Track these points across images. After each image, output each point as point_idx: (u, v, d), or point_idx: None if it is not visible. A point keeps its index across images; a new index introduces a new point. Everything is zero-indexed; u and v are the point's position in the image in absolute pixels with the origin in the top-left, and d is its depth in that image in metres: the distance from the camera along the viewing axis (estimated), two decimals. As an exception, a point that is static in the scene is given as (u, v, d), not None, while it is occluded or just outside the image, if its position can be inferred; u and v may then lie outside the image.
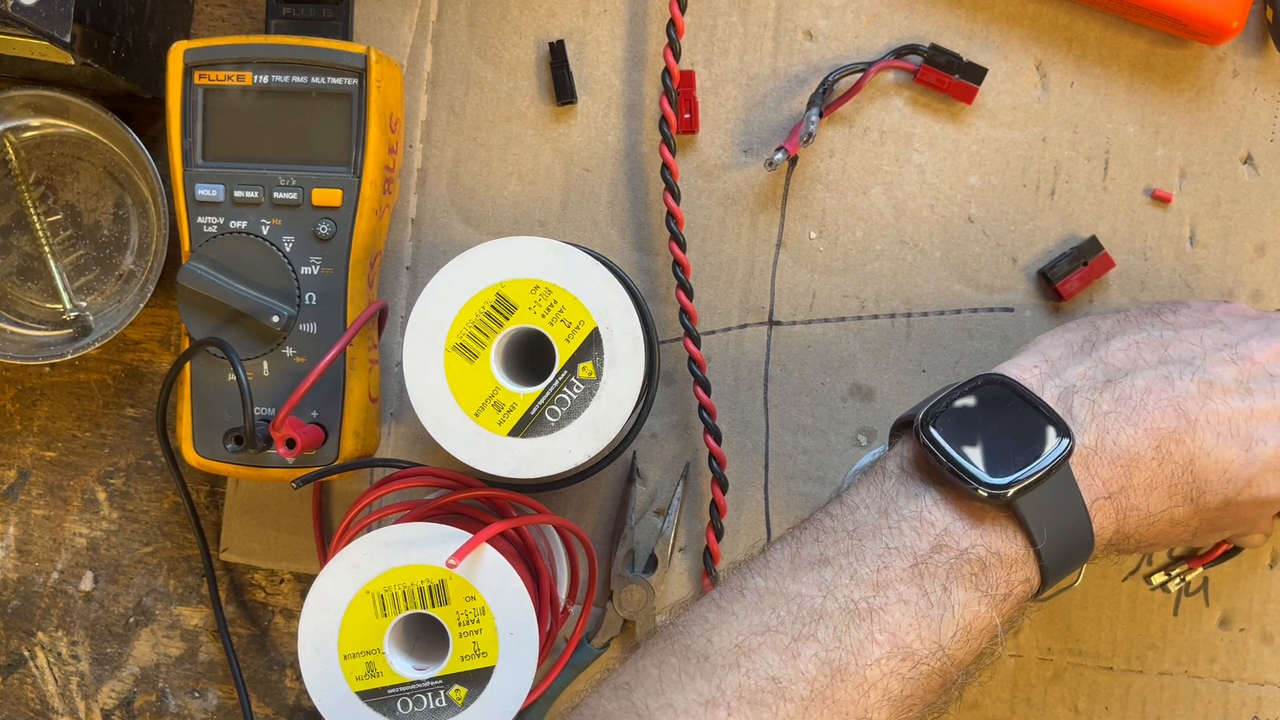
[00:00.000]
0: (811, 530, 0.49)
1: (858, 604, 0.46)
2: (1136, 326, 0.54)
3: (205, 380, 0.59)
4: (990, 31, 0.63)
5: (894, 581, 0.47)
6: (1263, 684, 0.63)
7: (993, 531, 0.47)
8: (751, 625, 0.47)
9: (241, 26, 0.66)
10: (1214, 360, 0.51)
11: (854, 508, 0.49)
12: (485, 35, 0.65)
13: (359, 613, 0.54)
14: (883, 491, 0.49)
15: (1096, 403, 0.50)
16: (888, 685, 0.46)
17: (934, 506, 0.48)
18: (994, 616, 0.47)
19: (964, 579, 0.47)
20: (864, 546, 0.48)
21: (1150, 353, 0.52)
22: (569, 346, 0.54)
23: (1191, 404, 0.50)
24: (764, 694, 0.45)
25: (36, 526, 0.68)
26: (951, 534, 0.47)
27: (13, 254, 0.66)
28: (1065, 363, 0.52)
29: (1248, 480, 0.50)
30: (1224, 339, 0.53)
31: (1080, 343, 0.53)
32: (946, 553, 0.47)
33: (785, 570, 0.48)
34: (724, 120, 0.64)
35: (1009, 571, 0.48)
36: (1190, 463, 0.49)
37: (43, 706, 0.68)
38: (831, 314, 0.64)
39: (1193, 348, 0.52)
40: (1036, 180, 0.63)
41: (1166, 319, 0.54)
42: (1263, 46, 0.62)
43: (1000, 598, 0.47)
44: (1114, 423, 0.49)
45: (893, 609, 0.46)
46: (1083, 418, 0.49)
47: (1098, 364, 0.51)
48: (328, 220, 0.59)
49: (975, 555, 0.47)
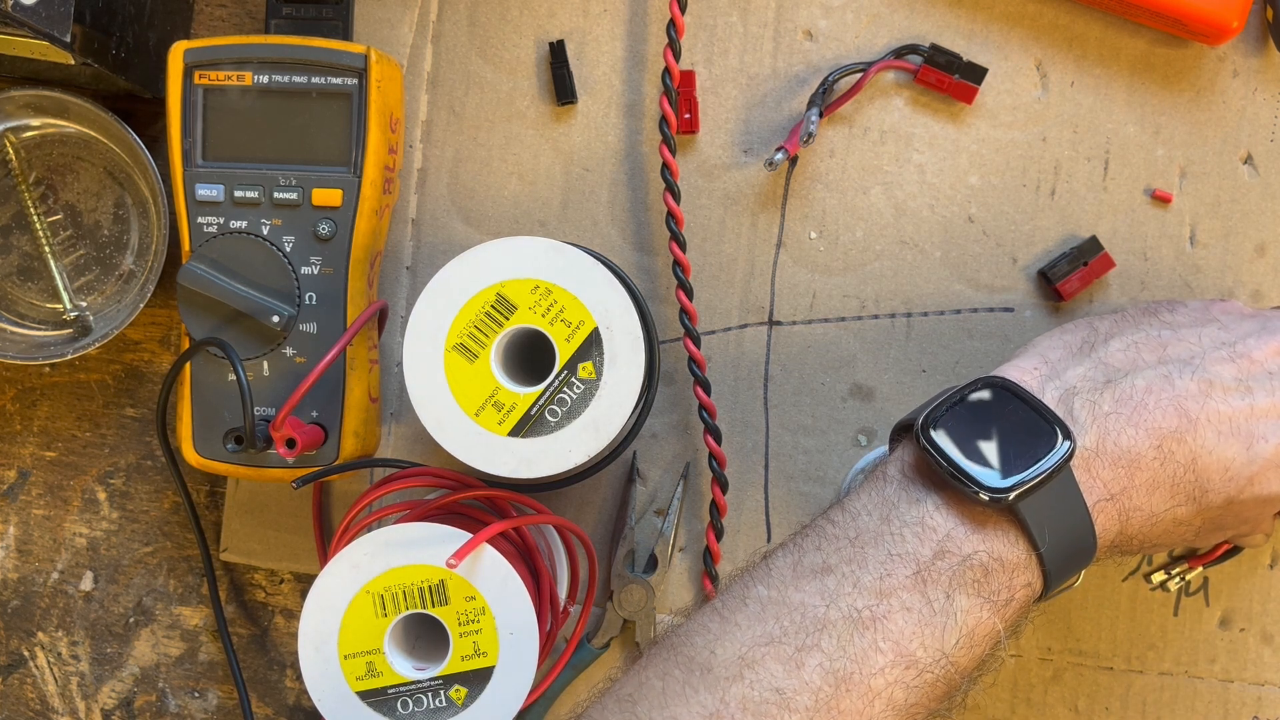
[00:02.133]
0: (813, 537, 0.49)
1: (861, 613, 0.46)
2: (1134, 326, 0.54)
3: (205, 380, 0.59)
4: (990, 31, 0.63)
5: (897, 589, 0.46)
6: (1263, 684, 0.63)
7: (995, 536, 0.47)
8: (755, 636, 0.47)
9: (241, 26, 0.66)
10: (1213, 359, 0.51)
11: (855, 514, 0.49)
12: (485, 35, 0.65)
13: (359, 613, 0.54)
14: (884, 497, 0.49)
15: (1097, 404, 0.50)
16: (892, 694, 0.46)
17: (935, 512, 0.48)
18: (997, 622, 0.47)
19: (967, 585, 0.47)
20: (866, 554, 0.47)
21: (1149, 352, 0.52)
22: (569, 346, 0.54)
23: (1192, 403, 0.50)
24: (768, 705, 0.45)
25: (36, 526, 0.68)
26: (953, 539, 0.47)
27: (13, 254, 0.66)
28: (1065, 364, 0.52)
29: (1250, 478, 0.50)
30: (1222, 338, 0.53)
31: (1079, 344, 0.53)
32: (949, 559, 0.47)
33: (788, 579, 0.48)
34: (724, 120, 0.64)
35: (1011, 576, 0.47)
36: (1192, 462, 0.49)
37: (43, 706, 0.68)
38: (831, 314, 0.64)
39: (1191, 347, 0.52)
40: (1037, 180, 0.63)
41: (1164, 318, 0.54)
42: (1263, 46, 0.62)
43: (1003, 603, 0.47)
44: (1115, 423, 0.49)
45: (896, 617, 0.46)
46: (1084, 419, 0.49)
47: (1097, 365, 0.51)
48: (328, 220, 0.59)
49: (978, 561, 0.47)
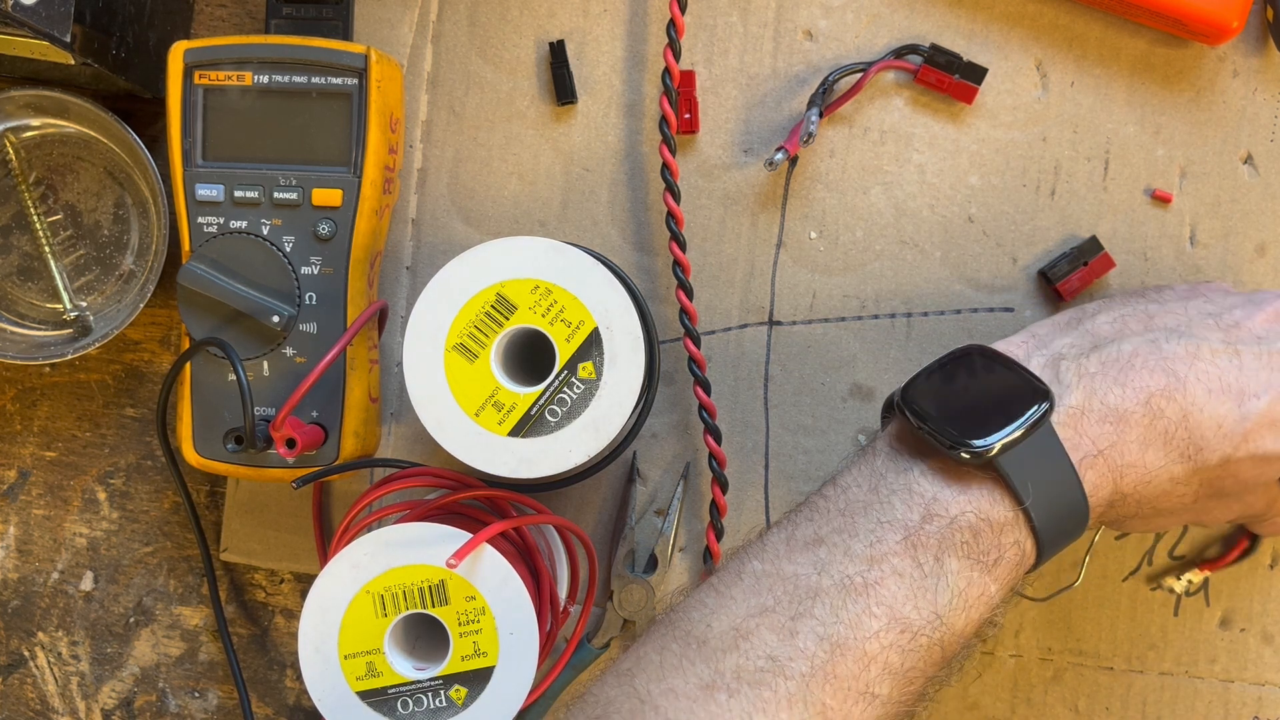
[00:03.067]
0: (806, 511, 0.50)
1: (853, 579, 0.47)
2: (1122, 304, 0.55)
3: (205, 380, 0.59)
4: (990, 31, 0.63)
5: (887, 555, 0.47)
6: (1263, 684, 0.63)
7: (980, 495, 0.48)
8: (749, 607, 0.47)
9: (241, 26, 0.66)
10: (1200, 326, 0.52)
11: (845, 487, 0.50)
12: (485, 35, 0.65)
13: (359, 613, 0.54)
14: (873, 469, 0.50)
15: (1083, 365, 0.50)
16: (888, 658, 0.46)
17: (921, 478, 0.49)
18: (989, 583, 0.48)
19: (955, 547, 0.47)
20: (856, 523, 0.48)
21: (1136, 323, 0.53)
22: (569, 346, 0.54)
23: (1180, 364, 0.50)
24: (763, 674, 0.46)
25: (36, 526, 0.68)
26: (940, 502, 0.48)
27: (13, 254, 0.66)
28: (1052, 336, 0.53)
29: (1244, 435, 0.50)
30: (1208, 309, 0.54)
31: (1067, 320, 0.54)
32: (937, 522, 0.48)
33: (781, 552, 0.49)
34: (724, 120, 0.64)
35: (1000, 535, 0.48)
36: (1183, 418, 0.50)
37: (43, 706, 0.68)
38: (831, 314, 0.64)
39: (1178, 317, 0.53)
40: (1037, 180, 0.63)
41: (1151, 296, 0.55)
42: (1263, 46, 0.62)
43: (992, 562, 0.48)
44: (1101, 383, 0.50)
45: (888, 582, 0.47)
46: (1069, 379, 0.50)
47: (1084, 334, 0.53)
48: (328, 220, 0.59)
49: (965, 521, 0.48)
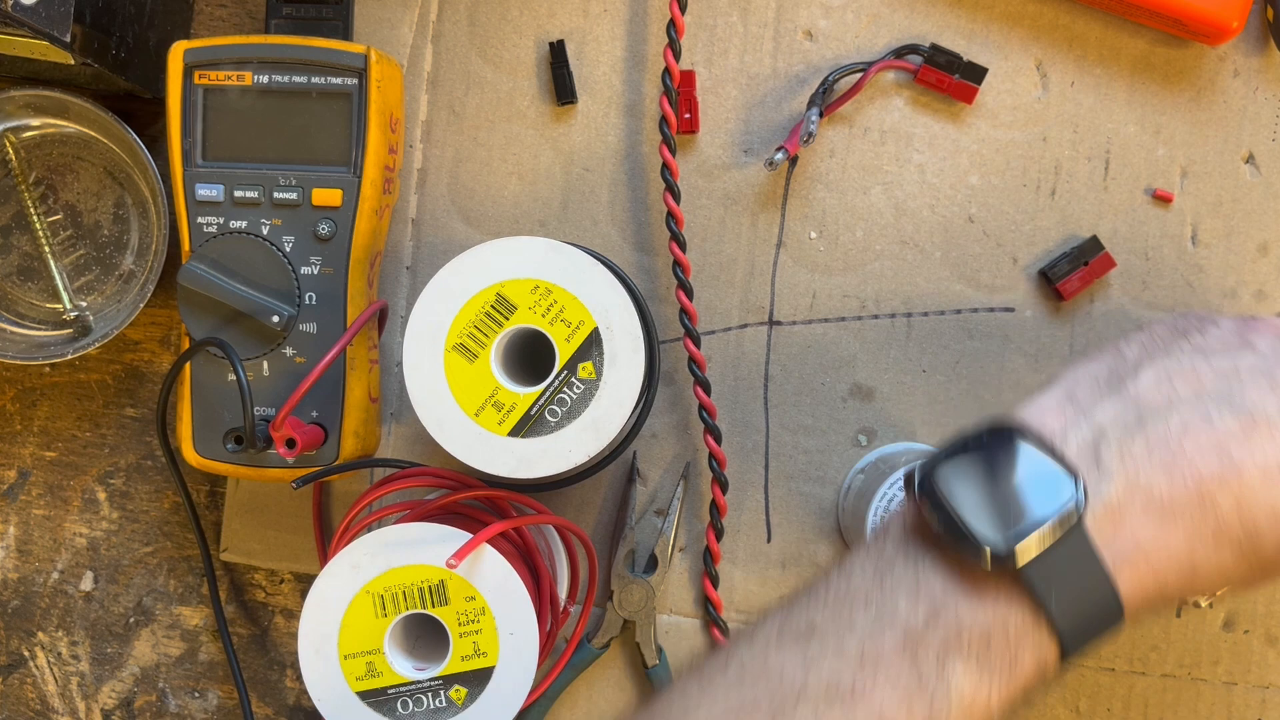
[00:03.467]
0: (805, 595, 0.46)
1: (841, 682, 0.43)
2: (1165, 352, 0.48)
3: (205, 380, 0.59)
4: (990, 31, 0.63)
5: (883, 658, 0.43)
6: (1267, 686, 0.63)
7: (996, 599, 0.43)
8: (729, 703, 0.44)
9: (241, 26, 0.66)
10: (1254, 388, 0.46)
11: (849, 573, 0.46)
12: (485, 35, 0.65)
13: (359, 613, 0.54)
14: (881, 554, 0.46)
15: (1126, 448, 0.45)
16: None
17: (931, 572, 0.44)
18: (1000, 694, 0.43)
19: (963, 653, 0.43)
20: (855, 616, 0.44)
21: (1185, 385, 0.47)
22: (569, 346, 0.54)
23: (1234, 443, 0.44)
24: None
25: (36, 526, 0.68)
26: (949, 604, 0.43)
27: (13, 254, 0.66)
28: (1092, 401, 0.47)
29: None
30: (1261, 366, 0.47)
31: (1107, 375, 0.48)
32: (943, 625, 0.43)
33: (771, 640, 0.45)
34: (724, 120, 0.64)
35: (1016, 644, 0.43)
36: (1238, 507, 0.44)
37: (43, 706, 0.68)
38: (831, 314, 0.64)
39: (1229, 381, 0.47)
40: (1037, 180, 0.63)
41: (1195, 342, 0.49)
42: (1263, 46, 0.62)
43: (1006, 672, 0.43)
44: (1146, 469, 0.44)
45: (880, 689, 0.42)
46: (1111, 465, 0.44)
47: (1128, 403, 0.46)
48: (328, 220, 0.59)
49: (977, 627, 0.43)
